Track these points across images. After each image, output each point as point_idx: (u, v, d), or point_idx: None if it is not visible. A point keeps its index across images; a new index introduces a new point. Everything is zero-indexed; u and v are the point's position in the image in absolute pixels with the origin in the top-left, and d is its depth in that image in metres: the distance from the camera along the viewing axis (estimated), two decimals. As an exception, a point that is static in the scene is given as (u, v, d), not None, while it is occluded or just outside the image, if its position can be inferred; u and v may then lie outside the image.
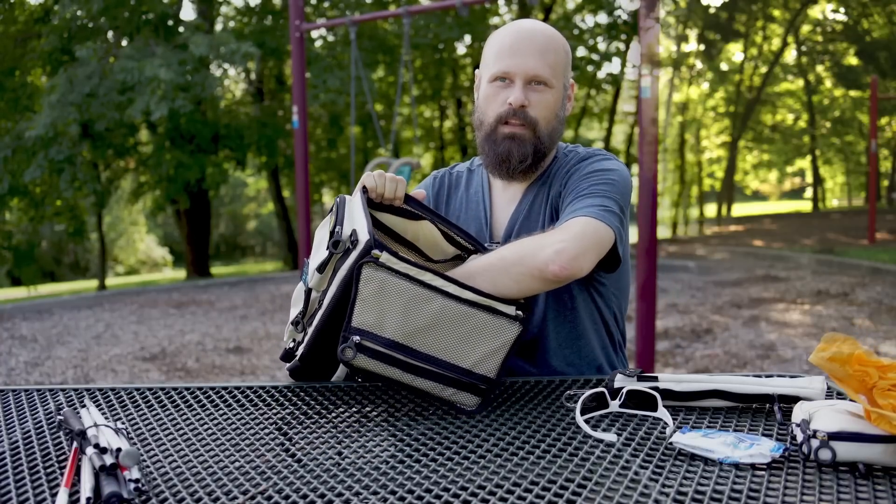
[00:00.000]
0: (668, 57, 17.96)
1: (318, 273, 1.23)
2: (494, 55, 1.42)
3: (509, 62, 1.40)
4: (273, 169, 15.80)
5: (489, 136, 1.44)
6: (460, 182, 1.60)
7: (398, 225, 1.40)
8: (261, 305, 9.12)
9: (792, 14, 18.53)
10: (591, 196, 1.35)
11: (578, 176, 1.42)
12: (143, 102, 9.97)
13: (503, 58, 1.41)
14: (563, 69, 1.44)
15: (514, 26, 1.45)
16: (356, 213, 1.24)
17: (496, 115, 1.42)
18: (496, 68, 1.41)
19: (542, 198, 1.47)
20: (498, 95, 1.42)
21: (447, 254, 1.41)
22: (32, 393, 1.32)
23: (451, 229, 1.37)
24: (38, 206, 12.17)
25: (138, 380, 5.37)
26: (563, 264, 1.19)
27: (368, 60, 12.15)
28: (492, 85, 1.43)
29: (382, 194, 1.34)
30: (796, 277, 9.44)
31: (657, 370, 4.70)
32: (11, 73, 12.30)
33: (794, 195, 41.24)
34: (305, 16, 8.15)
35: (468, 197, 1.57)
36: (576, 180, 1.42)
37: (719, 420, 1.11)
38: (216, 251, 27.78)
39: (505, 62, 1.40)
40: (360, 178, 1.38)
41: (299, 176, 5.99)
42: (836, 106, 23.58)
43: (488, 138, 1.44)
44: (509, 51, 1.40)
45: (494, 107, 1.42)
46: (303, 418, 1.16)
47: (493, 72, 1.42)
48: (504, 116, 1.41)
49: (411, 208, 1.37)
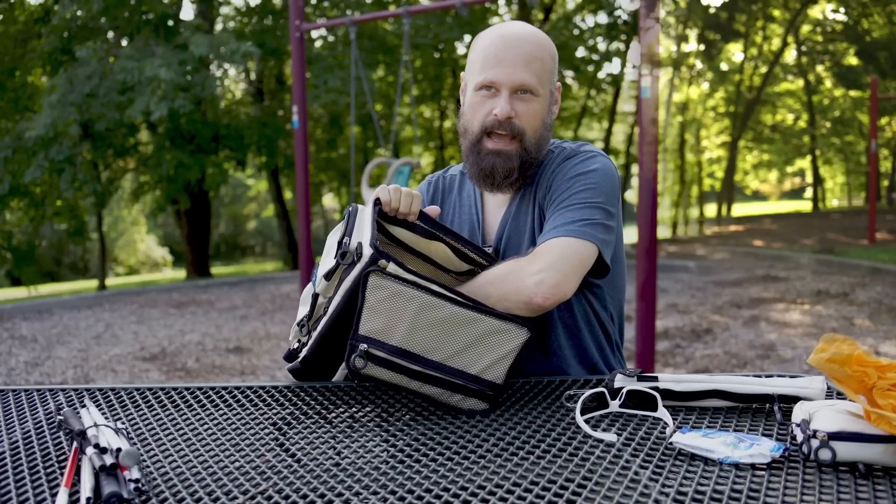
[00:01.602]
0: (668, 57, 17.96)
1: (325, 280, 1.24)
2: (480, 63, 1.40)
3: (495, 71, 1.37)
4: (273, 169, 15.80)
5: (474, 146, 1.42)
6: (454, 186, 1.60)
7: (412, 240, 1.41)
8: (261, 305, 9.12)
9: (792, 14, 18.53)
10: (571, 208, 1.35)
11: (561, 179, 1.41)
12: (143, 102, 9.97)
13: (489, 66, 1.38)
14: (549, 76, 1.41)
15: (500, 32, 1.42)
16: (365, 225, 1.25)
17: (481, 125, 1.40)
18: (482, 77, 1.39)
19: (529, 199, 1.46)
20: (483, 105, 1.40)
21: (460, 268, 1.42)
22: (32, 393, 1.32)
23: (465, 246, 1.38)
24: (39, 206, 12.17)
25: (138, 380, 5.37)
26: (545, 295, 1.22)
27: (368, 60, 12.15)
28: (477, 93, 1.40)
29: (397, 209, 1.34)
30: (796, 277, 9.44)
31: (657, 370, 4.70)
32: (11, 73, 12.30)
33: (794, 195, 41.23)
34: (305, 16, 8.15)
35: (461, 201, 1.56)
36: (559, 184, 1.40)
37: (719, 420, 1.11)
38: (216, 251, 27.78)
39: (491, 71, 1.38)
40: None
41: (299, 176, 5.99)
42: (836, 106, 23.58)
43: (473, 149, 1.43)
44: (495, 59, 1.38)
45: (479, 116, 1.40)
46: (303, 418, 1.16)
47: (478, 80, 1.40)
48: (489, 127, 1.39)
49: (425, 225, 1.38)
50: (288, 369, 1.34)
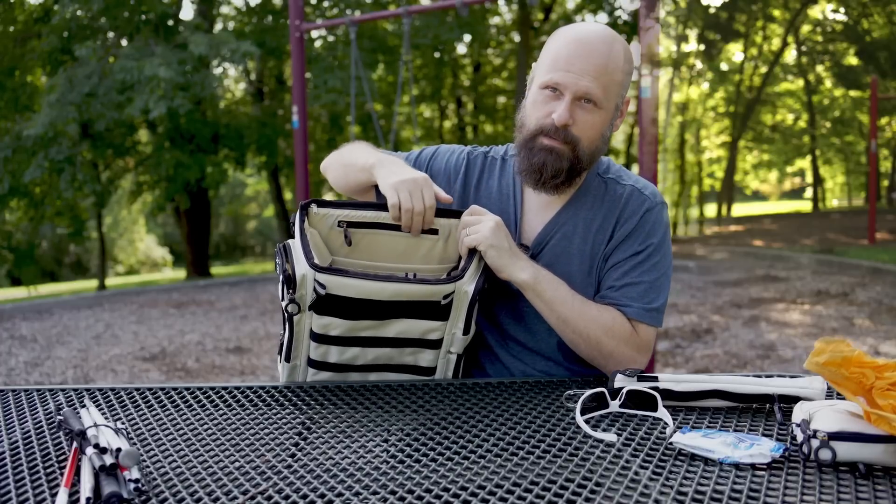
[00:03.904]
0: (668, 57, 17.94)
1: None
2: (550, 61, 1.35)
3: (563, 75, 1.32)
4: (273, 169, 15.81)
5: (527, 142, 1.39)
6: (494, 169, 1.53)
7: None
8: (261, 305, 9.12)
9: (792, 14, 18.51)
10: (651, 289, 1.40)
11: (634, 242, 1.41)
12: (142, 101, 9.97)
13: (558, 67, 1.33)
14: (618, 89, 1.36)
15: (577, 34, 1.35)
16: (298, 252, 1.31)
17: (538, 124, 1.37)
18: (548, 76, 1.34)
19: (583, 222, 1.44)
20: (545, 105, 1.36)
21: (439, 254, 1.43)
22: (32, 393, 1.32)
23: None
24: (38, 206, 12.17)
25: (138, 380, 5.37)
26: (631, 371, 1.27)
27: (368, 60, 12.14)
28: (541, 91, 1.36)
29: (409, 221, 1.36)
30: (796, 277, 9.44)
31: (657, 370, 4.70)
32: (11, 72, 12.30)
33: (794, 195, 41.24)
34: (305, 16, 8.16)
35: (500, 188, 1.50)
36: (630, 247, 1.41)
37: (719, 420, 1.11)
38: (216, 251, 27.78)
39: (559, 73, 1.33)
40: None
41: (299, 176, 5.99)
42: (836, 106, 23.58)
43: (525, 145, 1.39)
44: (565, 62, 1.32)
45: (538, 115, 1.37)
46: (302, 418, 1.16)
47: (544, 79, 1.35)
48: (545, 129, 1.35)
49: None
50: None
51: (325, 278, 1.23)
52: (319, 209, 1.37)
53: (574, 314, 1.35)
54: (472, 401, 1.23)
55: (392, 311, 1.27)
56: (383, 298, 1.25)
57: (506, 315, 1.46)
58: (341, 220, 1.37)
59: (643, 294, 1.39)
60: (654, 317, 1.40)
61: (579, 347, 1.38)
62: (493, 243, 1.32)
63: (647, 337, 1.39)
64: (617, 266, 1.41)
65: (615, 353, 1.36)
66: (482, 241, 1.32)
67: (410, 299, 1.26)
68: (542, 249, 1.44)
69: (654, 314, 1.39)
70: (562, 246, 1.43)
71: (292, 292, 1.25)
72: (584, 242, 1.43)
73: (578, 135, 1.35)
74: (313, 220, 1.37)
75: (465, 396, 1.26)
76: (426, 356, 1.36)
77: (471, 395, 1.26)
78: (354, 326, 1.28)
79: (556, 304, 1.35)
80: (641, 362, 1.39)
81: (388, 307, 1.26)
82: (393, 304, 1.26)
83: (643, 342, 1.38)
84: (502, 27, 17.88)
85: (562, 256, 1.43)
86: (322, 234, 1.38)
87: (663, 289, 1.42)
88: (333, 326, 1.28)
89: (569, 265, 1.42)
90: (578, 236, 1.43)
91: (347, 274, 1.23)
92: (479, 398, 1.25)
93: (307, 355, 1.34)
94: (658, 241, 1.42)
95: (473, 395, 1.27)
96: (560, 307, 1.35)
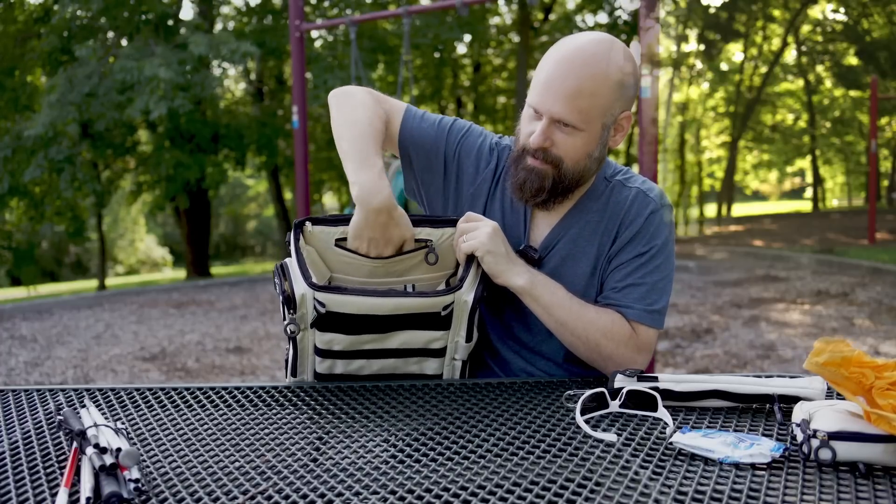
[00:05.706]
0: (668, 57, 17.95)
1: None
2: (536, 80, 1.35)
3: (540, 98, 1.32)
4: (273, 169, 15.81)
5: (515, 159, 1.40)
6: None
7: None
8: (261, 305, 9.12)
9: (792, 14, 18.53)
10: (653, 291, 1.40)
11: (638, 244, 1.41)
12: (142, 102, 9.97)
13: (536, 89, 1.33)
14: (602, 110, 1.33)
15: (562, 52, 1.33)
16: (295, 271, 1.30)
17: (523, 143, 1.38)
18: (530, 97, 1.35)
19: (589, 225, 1.43)
20: (529, 124, 1.37)
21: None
22: (32, 393, 1.32)
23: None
24: (38, 206, 12.17)
25: (138, 380, 5.37)
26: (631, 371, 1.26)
27: (368, 60, 12.14)
28: (528, 109, 1.37)
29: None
30: (796, 277, 9.44)
31: (657, 370, 4.70)
32: (11, 72, 12.30)
33: (794, 195, 41.26)
34: (305, 15, 8.16)
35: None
36: (634, 249, 1.41)
37: (719, 420, 1.11)
38: (216, 251, 27.79)
39: (536, 96, 1.33)
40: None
41: (299, 176, 5.99)
42: (836, 106, 23.59)
43: (514, 161, 1.41)
44: (543, 85, 1.32)
45: (525, 133, 1.38)
46: (303, 418, 1.16)
47: (529, 99, 1.37)
48: (528, 148, 1.37)
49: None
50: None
51: (324, 297, 1.23)
52: (314, 227, 1.36)
53: (572, 317, 1.35)
54: (472, 401, 1.23)
55: (393, 324, 1.28)
56: (383, 313, 1.25)
57: (509, 313, 1.47)
58: (338, 239, 1.37)
59: (645, 295, 1.39)
60: (655, 318, 1.40)
61: (578, 350, 1.38)
62: (490, 249, 1.32)
63: (648, 338, 1.39)
64: (620, 267, 1.41)
65: (614, 355, 1.36)
66: (479, 247, 1.32)
67: (410, 312, 1.27)
68: (551, 252, 1.44)
69: (655, 316, 1.39)
70: (569, 248, 1.43)
71: (293, 312, 1.26)
72: (590, 244, 1.43)
73: (560, 155, 1.35)
74: (310, 237, 1.36)
75: (465, 397, 1.26)
76: (431, 364, 1.36)
77: (471, 396, 1.26)
78: (357, 340, 1.29)
79: (554, 308, 1.35)
80: (641, 364, 1.39)
81: (389, 321, 1.27)
82: (393, 317, 1.26)
83: (643, 344, 1.38)
84: (502, 27, 17.88)
85: (569, 259, 1.43)
86: (319, 251, 1.37)
87: (665, 291, 1.42)
88: (336, 342, 1.29)
89: (577, 267, 1.43)
90: (584, 238, 1.43)
91: (346, 291, 1.24)
92: (479, 398, 1.25)
93: (313, 369, 1.35)
94: (662, 243, 1.42)
95: (473, 395, 1.27)
96: (557, 311, 1.35)
